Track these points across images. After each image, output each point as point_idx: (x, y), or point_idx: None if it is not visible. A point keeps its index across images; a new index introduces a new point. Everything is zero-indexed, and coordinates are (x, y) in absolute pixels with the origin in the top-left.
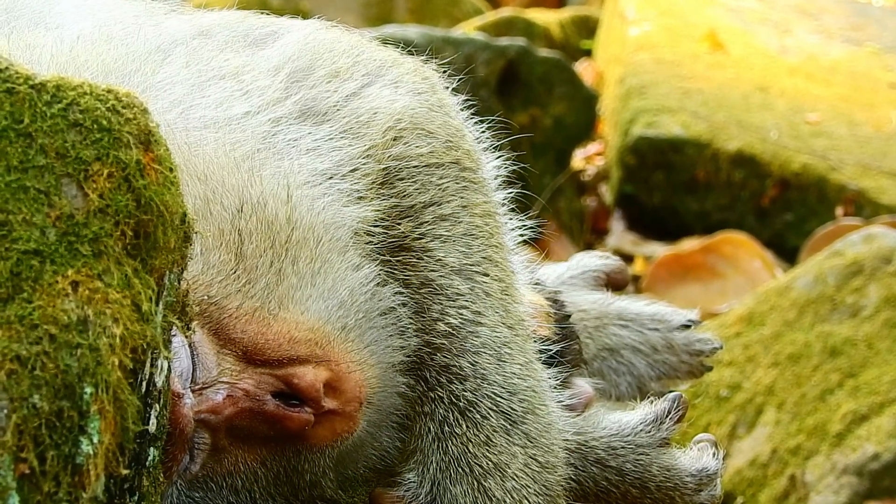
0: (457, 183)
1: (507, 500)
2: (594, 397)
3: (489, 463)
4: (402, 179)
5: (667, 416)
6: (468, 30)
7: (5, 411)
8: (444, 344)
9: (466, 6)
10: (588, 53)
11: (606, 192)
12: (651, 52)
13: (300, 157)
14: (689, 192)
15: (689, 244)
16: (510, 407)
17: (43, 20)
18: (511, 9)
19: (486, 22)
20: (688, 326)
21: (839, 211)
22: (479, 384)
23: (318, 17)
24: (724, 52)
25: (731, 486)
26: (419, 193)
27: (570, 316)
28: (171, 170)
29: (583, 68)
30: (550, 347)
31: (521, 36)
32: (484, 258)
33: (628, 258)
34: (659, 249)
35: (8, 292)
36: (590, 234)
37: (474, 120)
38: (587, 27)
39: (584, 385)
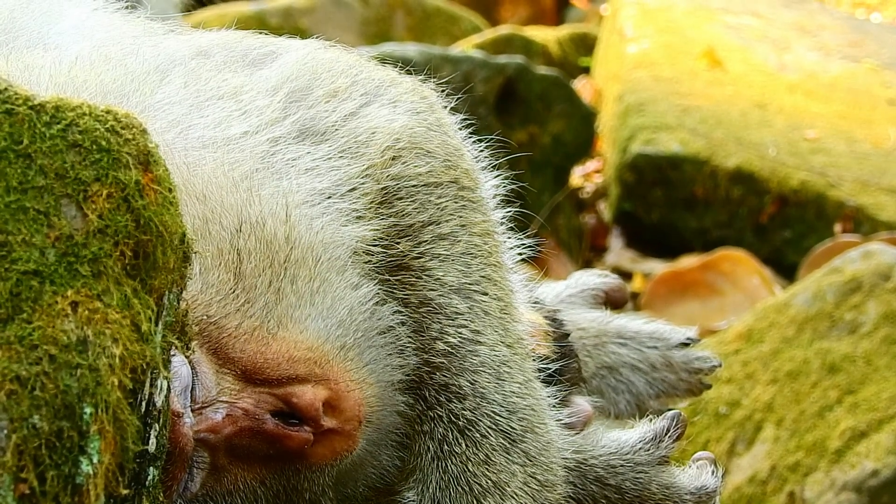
0: (455, 202)
1: None
2: (593, 415)
3: (488, 481)
4: (400, 199)
5: (666, 434)
6: (466, 47)
7: (5, 431)
8: (443, 363)
9: (465, 24)
10: (586, 71)
11: (605, 210)
12: (649, 69)
13: (299, 176)
14: (687, 209)
15: (688, 261)
16: (509, 426)
17: (41, 41)
18: (509, 26)
19: (484, 40)
20: (686, 344)
21: (838, 227)
22: (479, 403)
23: (317, 37)
24: (723, 69)
25: (730, 503)
26: (418, 213)
27: (568, 334)
28: (170, 190)
29: (581, 86)
30: (549, 366)
31: (520, 53)
32: (483, 277)
33: (627, 275)
34: (657, 267)
35: (7, 313)
36: (588, 252)
37: (473, 138)
38: (585, 44)
39: (583, 403)
